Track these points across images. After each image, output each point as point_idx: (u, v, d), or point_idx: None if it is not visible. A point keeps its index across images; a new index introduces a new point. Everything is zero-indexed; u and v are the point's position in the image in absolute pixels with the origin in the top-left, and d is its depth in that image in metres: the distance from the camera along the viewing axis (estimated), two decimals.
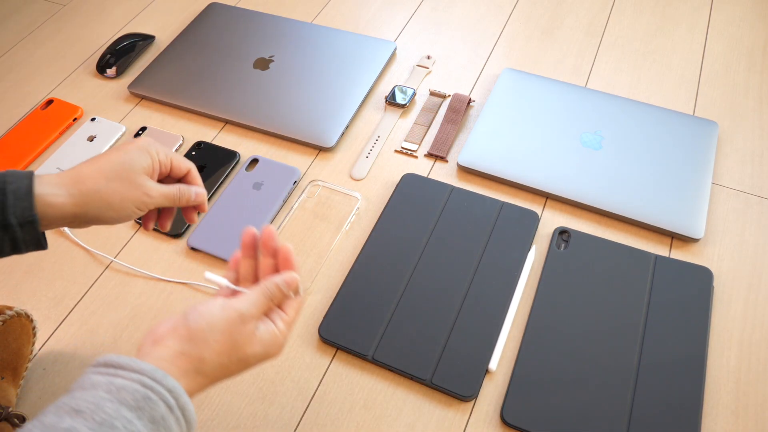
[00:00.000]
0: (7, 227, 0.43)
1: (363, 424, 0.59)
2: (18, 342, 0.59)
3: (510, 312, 0.64)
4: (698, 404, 0.57)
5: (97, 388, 0.36)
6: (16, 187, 0.43)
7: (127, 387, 0.36)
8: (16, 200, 0.43)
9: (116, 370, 0.37)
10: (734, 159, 0.78)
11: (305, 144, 0.82)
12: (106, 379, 0.36)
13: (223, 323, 0.42)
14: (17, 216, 0.43)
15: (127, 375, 0.37)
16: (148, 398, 0.36)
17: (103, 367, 0.38)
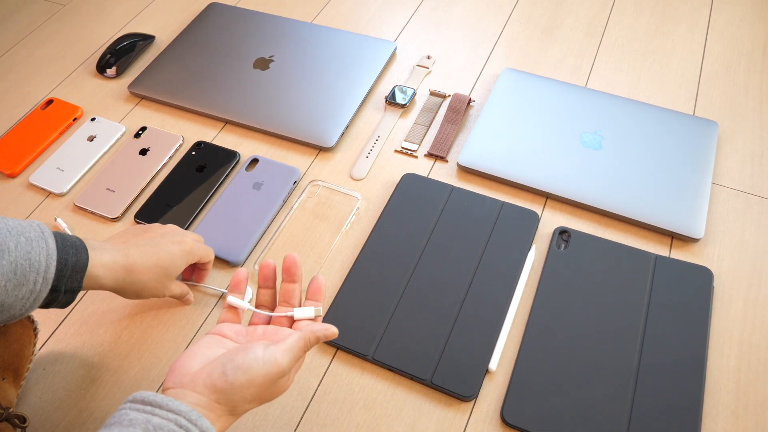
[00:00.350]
0: (55, 292, 0.48)
1: (363, 424, 0.59)
2: (19, 343, 0.59)
3: (510, 312, 0.64)
4: (698, 404, 0.57)
5: (135, 426, 0.37)
6: (76, 261, 0.49)
7: (164, 427, 0.37)
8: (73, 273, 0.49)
9: (153, 408, 0.38)
10: (734, 159, 0.78)
11: (305, 144, 0.82)
12: (143, 417, 0.38)
13: (263, 379, 0.43)
14: (67, 287, 0.49)
15: (164, 414, 0.38)
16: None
17: (141, 404, 0.39)
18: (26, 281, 0.46)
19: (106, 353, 0.64)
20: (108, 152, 0.83)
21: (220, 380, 0.42)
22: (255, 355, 0.43)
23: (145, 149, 0.82)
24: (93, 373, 0.63)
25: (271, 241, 0.72)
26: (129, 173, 0.79)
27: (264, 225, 0.73)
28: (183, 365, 0.44)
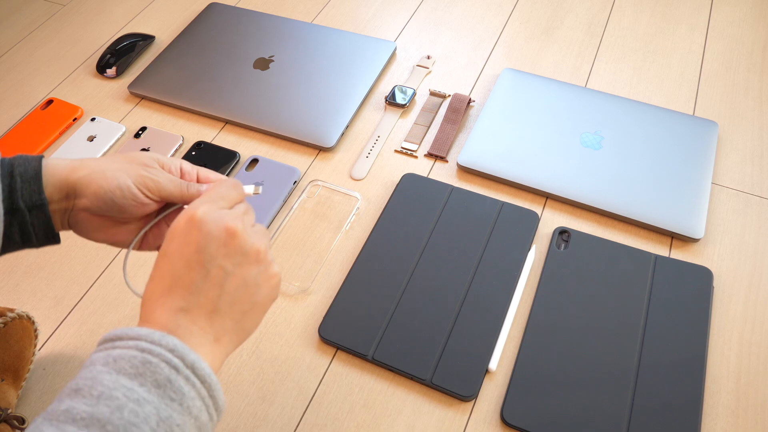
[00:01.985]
0: (16, 212, 0.41)
1: (363, 424, 0.59)
2: (20, 344, 0.59)
3: (510, 312, 0.64)
4: (698, 404, 0.57)
5: (95, 363, 0.34)
6: (24, 170, 0.42)
7: (124, 355, 0.34)
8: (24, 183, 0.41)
9: (113, 342, 0.35)
10: (734, 159, 0.78)
11: (305, 144, 0.82)
12: (104, 353, 0.34)
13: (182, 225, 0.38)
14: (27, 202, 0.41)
15: (124, 344, 0.34)
16: (147, 362, 0.33)
17: (102, 343, 0.36)
18: None
19: None
20: (108, 152, 0.83)
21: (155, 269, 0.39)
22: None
23: (145, 149, 0.82)
24: None
25: (271, 241, 0.72)
26: None
27: (264, 225, 0.73)
28: None
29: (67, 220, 0.44)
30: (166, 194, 0.44)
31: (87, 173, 0.43)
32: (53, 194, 0.42)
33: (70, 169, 0.43)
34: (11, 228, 0.41)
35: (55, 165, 0.43)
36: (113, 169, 0.43)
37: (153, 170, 0.44)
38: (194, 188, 0.45)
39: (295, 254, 0.71)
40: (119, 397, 0.32)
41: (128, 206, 0.43)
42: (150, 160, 0.45)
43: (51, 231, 0.43)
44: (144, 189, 0.44)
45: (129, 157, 0.45)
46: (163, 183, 0.44)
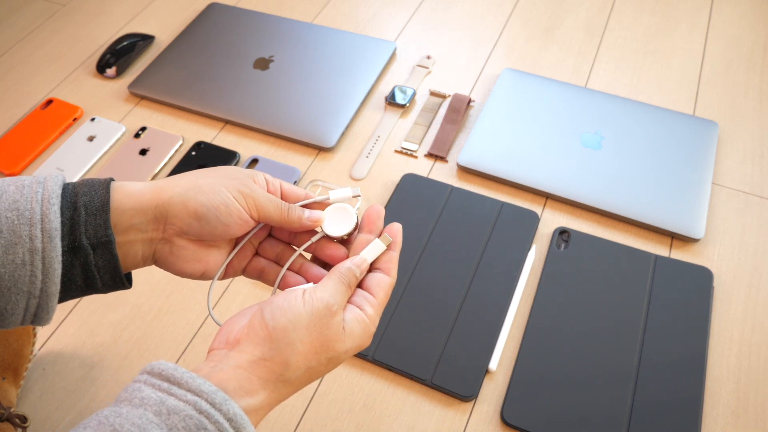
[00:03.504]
0: (78, 250, 0.36)
1: (363, 424, 0.59)
2: (19, 342, 0.59)
3: (510, 312, 0.64)
4: (698, 404, 0.57)
5: (146, 407, 0.31)
6: (89, 200, 0.36)
7: (179, 411, 0.31)
8: (89, 216, 0.36)
9: (171, 386, 0.32)
10: (734, 159, 0.78)
11: (305, 144, 0.82)
12: (157, 396, 0.31)
13: (308, 318, 0.35)
14: (90, 238, 0.36)
15: (182, 395, 0.31)
16: (203, 428, 0.31)
17: (158, 378, 0.32)
18: (18, 238, 0.33)
19: (105, 353, 0.64)
20: (108, 152, 0.83)
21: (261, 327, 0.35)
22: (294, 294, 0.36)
23: (145, 149, 0.82)
24: (93, 373, 0.63)
25: None
26: (129, 173, 0.79)
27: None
28: (231, 323, 0.37)
29: (153, 253, 0.39)
30: (266, 215, 0.40)
31: (180, 191, 0.38)
32: (135, 220, 0.37)
33: (156, 189, 0.38)
34: (72, 270, 0.36)
35: (131, 188, 0.37)
36: (210, 185, 0.38)
37: (254, 187, 0.40)
38: (295, 213, 0.41)
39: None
40: None
41: (232, 225, 0.39)
42: (247, 176, 0.40)
43: (118, 273, 0.37)
44: (243, 196, 0.39)
45: (224, 171, 0.40)
46: (264, 203, 0.40)
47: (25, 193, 0.34)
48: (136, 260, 0.38)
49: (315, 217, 0.42)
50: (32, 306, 0.34)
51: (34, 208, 0.34)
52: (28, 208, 0.34)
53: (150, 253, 0.39)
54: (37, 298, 0.34)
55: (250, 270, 0.43)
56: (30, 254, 0.33)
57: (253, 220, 0.40)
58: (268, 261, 0.43)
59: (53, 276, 0.34)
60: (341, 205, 0.43)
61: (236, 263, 0.42)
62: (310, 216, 0.41)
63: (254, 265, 0.43)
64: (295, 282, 0.42)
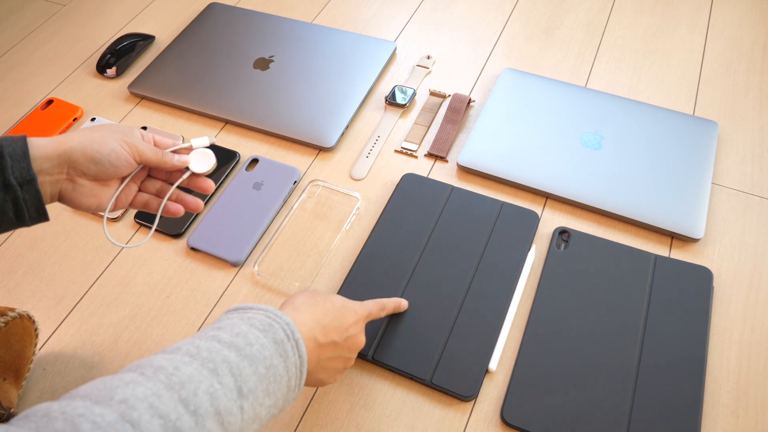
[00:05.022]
0: (9, 189, 0.46)
1: (363, 424, 0.59)
2: (20, 344, 0.59)
3: (510, 312, 0.64)
4: (698, 404, 0.57)
5: (232, 318, 0.45)
6: (12, 150, 0.46)
7: (256, 317, 0.45)
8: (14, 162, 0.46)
9: (245, 310, 0.47)
10: (734, 159, 0.78)
11: (305, 144, 0.82)
12: (238, 314, 0.46)
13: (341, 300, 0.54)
14: (17, 177, 0.46)
15: (255, 311, 0.46)
16: (271, 325, 0.45)
17: (234, 311, 0.47)
18: None
19: (105, 353, 0.64)
20: None
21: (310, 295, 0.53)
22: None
23: None
24: (93, 373, 0.63)
25: (271, 241, 0.72)
26: None
27: (264, 225, 0.73)
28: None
29: (59, 191, 0.50)
30: (145, 158, 0.53)
31: (78, 143, 0.49)
32: (44, 165, 0.48)
33: (58, 142, 0.49)
34: (5, 204, 0.46)
35: (40, 141, 0.48)
36: (101, 136, 0.50)
37: (135, 138, 0.53)
38: (168, 156, 0.54)
39: (295, 254, 0.71)
40: (251, 338, 0.43)
41: (120, 166, 0.51)
42: (128, 129, 0.53)
43: (41, 207, 0.48)
44: (128, 144, 0.52)
45: (109, 127, 0.52)
46: (143, 149, 0.53)
47: None
48: (45, 197, 0.49)
49: (183, 159, 0.55)
50: None
51: None
52: None
53: (57, 191, 0.49)
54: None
55: (136, 202, 0.56)
56: None
57: (136, 163, 0.53)
58: (151, 195, 0.56)
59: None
60: (203, 150, 0.56)
61: (124, 198, 0.55)
62: (180, 158, 0.55)
63: (139, 198, 0.56)
64: (174, 209, 0.56)
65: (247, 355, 0.42)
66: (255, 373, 0.41)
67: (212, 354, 0.40)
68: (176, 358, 0.39)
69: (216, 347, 0.41)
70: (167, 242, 0.73)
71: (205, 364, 0.40)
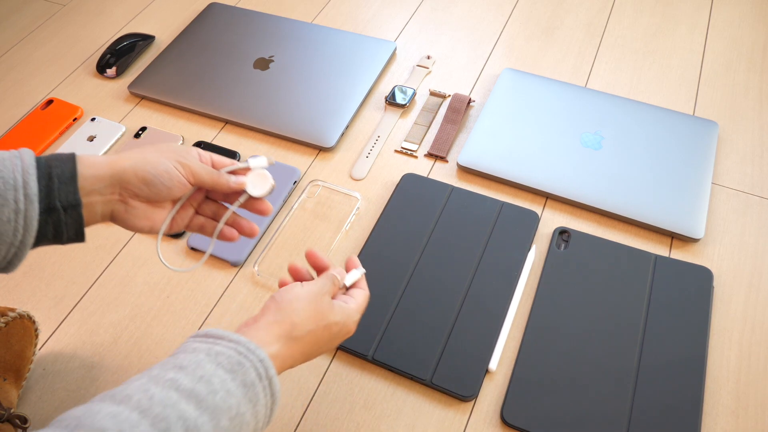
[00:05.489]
0: (52, 211, 0.44)
1: (363, 424, 0.59)
2: (21, 344, 0.59)
3: (510, 312, 0.64)
4: (698, 404, 0.57)
5: (198, 352, 0.41)
6: (61, 171, 0.45)
7: (224, 353, 0.41)
8: (62, 184, 0.44)
9: (215, 339, 0.42)
10: (734, 159, 0.78)
11: (305, 144, 0.82)
12: (206, 345, 0.41)
13: (306, 294, 0.48)
14: (63, 201, 0.44)
15: (225, 344, 0.41)
16: (241, 364, 0.40)
17: (204, 337, 0.43)
18: (5, 201, 0.42)
19: (105, 353, 0.64)
20: (108, 152, 0.83)
21: (271, 302, 0.47)
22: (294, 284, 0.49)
23: None
24: (93, 373, 0.63)
25: (271, 241, 0.72)
26: None
27: (264, 225, 0.73)
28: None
29: (110, 211, 0.48)
30: (200, 180, 0.50)
31: (132, 163, 0.47)
32: (96, 186, 0.46)
33: (111, 161, 0.47)
34: (46, 226, 0.44)
35: (93, 160, 0.47)
36: (155, 157, 0.48)
37: (189, 158, 0.50)
38: (223, 177, 0.51)
39: (295, 254, 0.71)
40: (215, 383, 0.39)
41: (173, 188, 0.49)
42: (183, 149, 0.50)
43: (80, 230, 0.46)
44: (182, 165, 0.49)
45: (163, 147, 0.50)
46: (198, 170, 0.50)
47: (7, 165, 0.43)
48: (96, 217, 0.47)
49: (240, 180, 0.52)
50: (10, 254, 0.43)
51: (16, 177, 0.43)
52: (12, 177, 0.42)
53: (108, 211, 0.48)
54: (15, 248, 0.43)
55: (192, 225, 0.54)
56: (15, 214, 0.42)
57: (190, 184, 0.50)
58: (206, 218, 0.54)
59: (31, 231, 0.43)
60: (260, 171, 0.53)
61: (179, 221, 0.52)
62: (236, 180, 0.52)
63: (195, 221, 0.54)
64: (230, 233, 0.53)
65: (209, 406, 0.37)
66: (216, 428, 0.37)
67: (166, 409, 0.36)
68: (123, 415, 0.34)
69: (173, 398, 0.36)
70: (167, 242, 0.73)
71: (156, 425, 0.35)
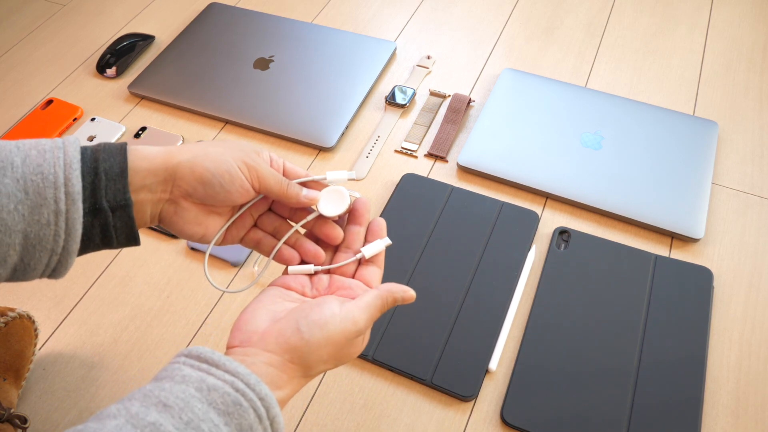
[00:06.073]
0: (98, 212, 0.38)
1: (363, 424, 0.59)
2: (20, 344, 0.59)
3: (510, 312, 0.64)
4: (698, 404, 0.57)
5: (187, 383, 0.34)
6: (109, 166, 0.38)
7: (219, 388, 0.34)
8: (109, 181, 0.38)
9: (210, 367, 0.35)
10: (734, 159, 0.78)
11: (305, 144, 0.82)
12: (198, 375, 0.34)
13: (339, 337, 0.39)
14: (110, 201, 0.39)
15: (221, 375, 0.35)
16: (238, 404, 0.34)
17: (196, 360, 0.35)
18: (43, 200, 0.36)
19: (105, 353, 0.64)
20: None
21: (295, 337, 0.38)
22: (331, 311, 0.39)
23: None
24: (93, 373, 0.63)
25: None
26: None
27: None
28: (249, 321, 0.40)
29: (159, 212, 0.41)
30: (266, 187, 0.43)
31: (189, 157, 0.40)
32: (148, 181, 0.40)
33: (167, 154, 0.40)
34: (92, 230, 0.39)
35: (145, 152, 0.40)
36: (217, 153, 0.41)
37: (258, 160, 0.42)
38: (294, 189, 0.44)
39: None
40: (204, 430, 0.32)
41: (234, 192, 0.41)
42: (252, 149, 0.43)
43: (133, 233, 0.40)
44: (247, 166, 0.42)
45: (232, 143, 0.43)
46: (265, 175, 0.42)
47: (48, 158, 0.37)
48: (145, 218, 0.41)
49: (312, 195, 0.44)
50: (53, 262, 0.37)
51: (57, 172, 0.36)
52: (52, 172, 0.36)
53: (157, 212, 0.41)
54: (58, 255, 0.37)
55: (248, 240, 0.46)
56: (54, 215, 0.36)
57: (254, 191, 0.42)
58: (265, 234, 0.46)
59: (75, 235, 0.37)
60: (336, 188, 0.45)
61: (235, 232, 0.45)
62: (308, 194, 0.44)
63: (252, 235, 0.46)
64: (290, 255, 0.45)
65: None
66: None
67: None
68: None
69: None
70: (167, 242, 0.73)
71: None
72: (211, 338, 0.65)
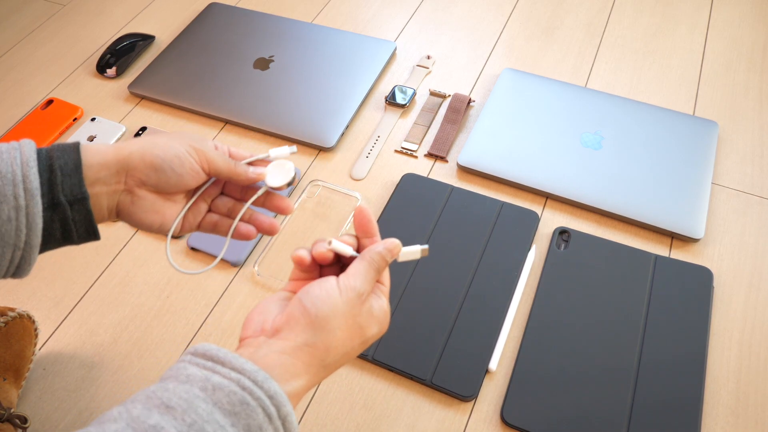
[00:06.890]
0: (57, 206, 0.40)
1: (363, 424, 0.59)
2: (20, 344, 0.59)
3: (510, 312, 0.64)
4: (698, 404, 0.57)
5: (192, 383, 0.33)
6: (64, 162, 0.40)
7: (224, 387, 0.33)
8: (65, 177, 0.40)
9: (215, 365, 0.34)
10: (734, 159, 0.78)
11: (305, 144, 0.82)
12: (202, 373, 0.33)
13: (345, 307, 0.38)
14: (67, 195, 0.40)
15: (226, 373, 0.33)
16: (245, 403, 0.32)
17: (202, 358, 0.34)
18: (3, 197, 0.37)
19: (105, 353, 0.64)
20: None
21: (303, 316, 0.38)
22: (330, 284, 0.39)
23: None
24: (93, 373, 0.63)
25: (272, 241, 0.72)
26: None
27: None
28: (261, 312, 0.40)
29: (116, 204, 0.43)
30: (215, 168, 0.45)
31: (138, 147, 0.42)
32: (101, 174, 0.41)
33: (117, 147, 0.42)
34: (52, 224, 0.40)
35: (97, 148, 0.42)
36: (164, 141, 0.43)
37: (204, 143, 0.45)
38: (241, 167, 0.46)
39: None
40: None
41: (185, 175, 0.43)
42: (198, 136, 0.46)
43: (92, 226, 0.42)
44: (195, 150, 0.44)
45: (177, 133, 0.45)
46: (213, 157, 0.45)
47: (5, 158, 0.39)
48: (102, 212, 0.43)
49: (259, 171, 0.47)
50: (16, 258, 0.39)
51: (15, 170, 0.38)
52: (10, 170, 0.38)
53: (114, 204, 0.43)
54: (21, 250, 0.39)
55: (205, 224, 0.48)
56: (15, 211, 0.38)
57: (204, 173, 0.45)
58: (221, 216, 0.48)
59: (36, 230, 0.39)
60: (281, 162, 0.48)
61: (191, 219, 0.47)
62: (255, 170, 0.46)
63: (208, 220, 0.48)
64: (247, 230, 0.47)
65: None
66: None
67: None
68: None
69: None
70: None
71: None
72: (211, 338, 0.65)
